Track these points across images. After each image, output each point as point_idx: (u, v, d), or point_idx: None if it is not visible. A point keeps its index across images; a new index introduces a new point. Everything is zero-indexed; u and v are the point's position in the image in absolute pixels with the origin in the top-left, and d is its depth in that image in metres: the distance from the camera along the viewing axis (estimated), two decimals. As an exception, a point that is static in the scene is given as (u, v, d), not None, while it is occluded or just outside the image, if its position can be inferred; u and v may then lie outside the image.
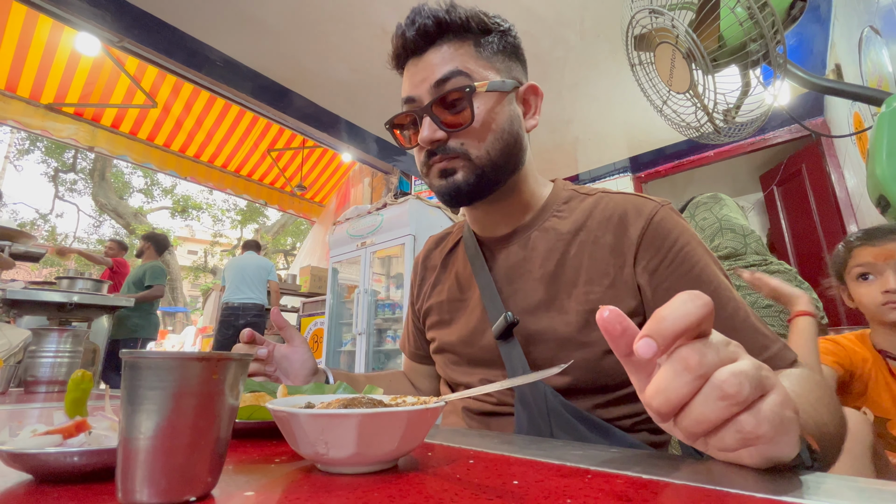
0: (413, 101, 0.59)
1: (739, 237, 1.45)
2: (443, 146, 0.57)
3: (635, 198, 0.60)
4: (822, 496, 0.25)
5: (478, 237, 0.69)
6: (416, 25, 0.57)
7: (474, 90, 0.55)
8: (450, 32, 0.58)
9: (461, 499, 0.25)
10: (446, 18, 0.57)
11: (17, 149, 10.96)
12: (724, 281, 0.53)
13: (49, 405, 0.81)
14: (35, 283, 2.42)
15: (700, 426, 0.27)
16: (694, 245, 0.55)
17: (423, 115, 0.57)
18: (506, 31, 0.61)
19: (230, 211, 13.89)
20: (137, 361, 0.24)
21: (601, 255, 0.57)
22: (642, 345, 0.26)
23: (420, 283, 0.78)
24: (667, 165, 3.41)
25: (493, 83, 0.57)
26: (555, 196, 0.66)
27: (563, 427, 0.52)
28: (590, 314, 0.55)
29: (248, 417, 0.45)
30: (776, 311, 1.32)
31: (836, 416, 0.43)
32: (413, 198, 2.94)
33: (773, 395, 0.27)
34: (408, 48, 0.59)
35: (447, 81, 0.56)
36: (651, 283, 0.54)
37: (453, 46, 0.57)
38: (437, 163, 0.58)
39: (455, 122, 0.56)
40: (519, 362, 0.56)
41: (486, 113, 0.56)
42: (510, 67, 0.61)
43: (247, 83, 2.53)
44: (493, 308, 0.60)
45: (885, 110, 0.83)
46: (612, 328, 0.28)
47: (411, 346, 0.81)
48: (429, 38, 0.58)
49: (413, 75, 0.59)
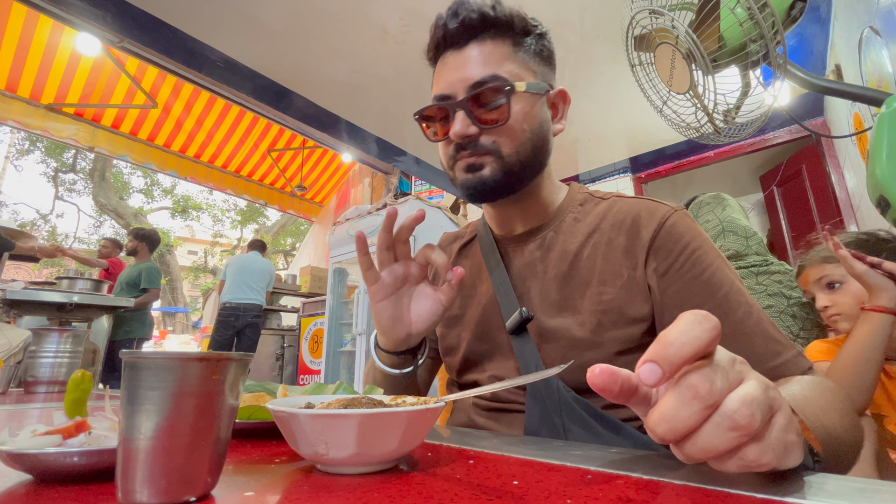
0: (447, 98, 0.58)
1: (741, 238, 1.45)
2: (473, 142, 0.57)
3: (649, 202, 0.61)
4: (822, 496, 0.25)
5: (494, 235, 0.69)
6: (460, 18, 0.57)
7: (513, 89, 0.55)
8: (493, 28, 0.57)
9: (461, 499, 0.25)
10: (491, 14, 0.56)
11: (17, 149, 10.96)
12: (737, 284, 0.53)
13: (49, 405, 0.81)
14: (35, 284, 2.42)
15: (706, 455, 0.25)
16: (706, 249, 0.55)
17: (456, 109, 0.56)
18: (542, 34, 0.61)
19: (230, 211, 13.89)
20: (137, 361, 0.24)
21: (614, 257, 0.57)
22: (646, 371, 0.24)
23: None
24: (667, 166, 3.41)
25: (531, 84, 0.57)
26: (570, 199, 0.66)
27: (576, 422, 0.52)
28: (602, 315, 0.55)
29: (248, 417, 0.45)
30: (777, 311, 1.32)
31: (849, 422, 0.41)
32: (413, 198, 2.94)
33: (780, 416, 0.26)
34: (448, 40, 0.58)
35: (484, 84, 0.56)
36: (661, 285, 0.55)
37: (493, 45, 0.57)
38: (466, 157, 0.58)
39: (490, 119, 0.56)
40: (532, 357, 0.57)
41: (520, 113, 0.57)
42: (544, 71, 0.61)
43: (247, 83, 2.52)
44: (508, 303, 0.61)
45: (884, 111, 0.83)
46: (609, 388, 0.27)
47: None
48: (471, 33, 0.57)
49: (451, 71, 0.58)
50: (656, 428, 0.26)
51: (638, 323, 0.55)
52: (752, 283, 1.34)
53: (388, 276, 0.57)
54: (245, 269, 3.97)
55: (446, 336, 0.70)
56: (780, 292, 1.34)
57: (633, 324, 0.55)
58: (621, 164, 3.50)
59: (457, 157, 0.59)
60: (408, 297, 0.58)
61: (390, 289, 0.57)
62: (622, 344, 0.55)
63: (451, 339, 0.69)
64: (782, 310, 1.32)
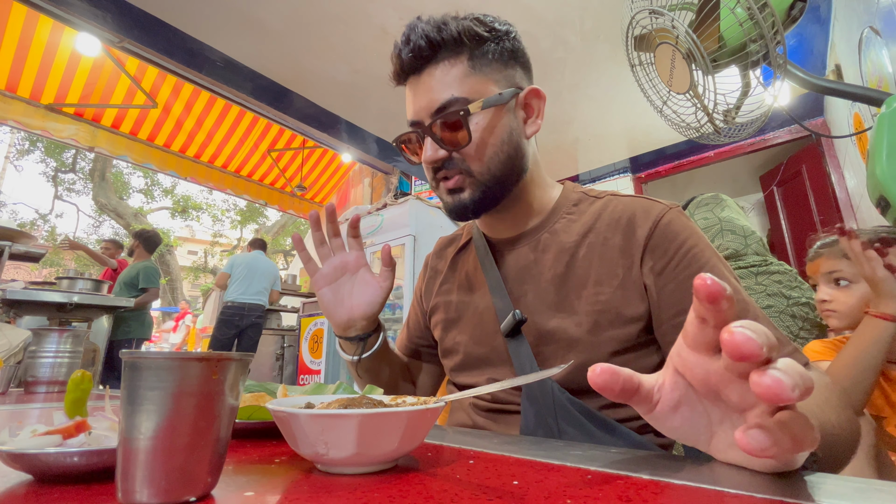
0: (416, 124, 0.60)
1: (740, 238, 1.45)
2: (448, 161, 0.59)
3: (644, 200, 0.61)
4: (822, 496, 0.25)
5: (487, 238, 0.69)
6: (411, 45, 0.58)
7: (468, 112, 0.56)
8: (444, 49, 0.58)
9: (461, 499, 0.25)
10: (438, 38, 0.57)
11: (17, 149, 10.96)
12: (733, 282, 0.53)
13: (49, 405, 0.81)
14: (35, 284, 2.42)
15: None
16: (701, 247, 0.55)
17: (424, 135, 0.59)
18: (501, 36, 0.60)
19: (230, 211, 13.90)
20: (137, 361, 0.24)
21: (610, 257, 0.58)
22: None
23: (429, 280, 0.78)
24: (667, 166, 3.41)
25: (489, 100, 0.57)
26: (564, 199, 0.66)
27: (570, 423, 0.53)
28: (599, 315, 0.56)
29: (248, 417, 0.45)
30: (776, 311, 1.32)
31: (845, 419, 0.42)
32: (413, 198, 2.94)
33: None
34: (405, 68, 0.60)
35: (444, 109, 0.57)
36: (657, 284, 0.55)
37: (449, 64, 0.58)
38: (443, 179, 0.60)
39: (454, 141, 0.58)
40: (527, 360, 0.57)
41: (482, 130, 0.57)
42: (509, 74, 0.61)
43: (247, 83, 2.53)
44: (503, 307, 0.61)
45: (884, 111, 0.83)
46: (611, 387, 0.29)
47: (405, 339, 0.81)
48: (424, 58, 0.58)
49: (413, 98, 0.60)
50: (758, 455, 0.26)
51: (634, 322, 0.55)
52: (752, 283, 1.34)
53: (327, 267, 0.65)
54: (252, 269, 3.96)
55: (444, 339, 0.71)
56: (779, 292, 1.34)
57: (629, 323, 0.55)
58: (621, 164, 3.50)
59: (437, 178, 0.61)
60: (349, 284, 0.65)
61: (329, 278, 0.65)
62: (619, 343, 0.55)
63: (448, 343, 0.70)
64: (782, 310, 1.32)
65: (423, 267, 0.82)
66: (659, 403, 0.31)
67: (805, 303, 1.33)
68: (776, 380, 0.23)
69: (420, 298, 0.80)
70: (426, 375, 0.80)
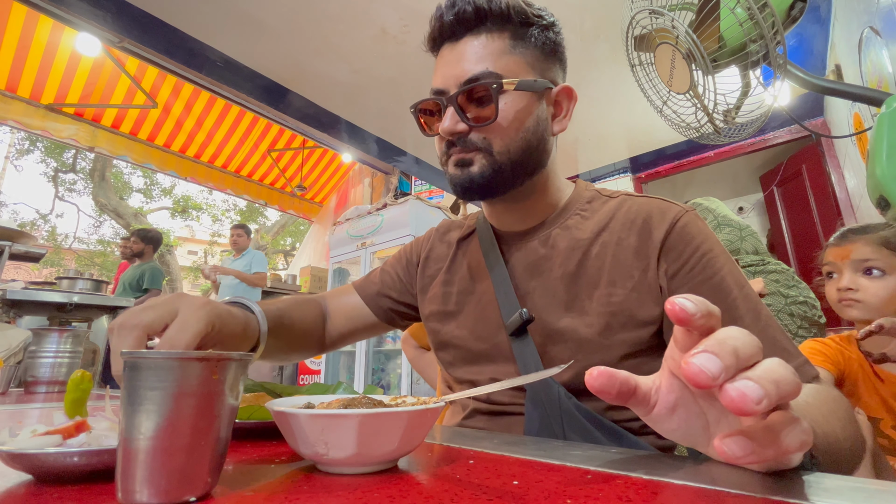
0: (441, 93, 0.57)
1: (735, 230, 1.52)
2: (463, 138, 0.56)
3: (660, 201, 0.59)
4: (822, 496, 0.25)
5: (495, 230, 0.67)
6: (456, 10, 0.56)
7: (501, 88, 0.54)
8: (489, 21, 0.56)
9: (461, 499, 0.25)
10: (486, 6, 0.55)
11: (17, 149, 10.95)
12: (746, 289, 0.52)
13: (49, 405, 0.81)
14: (35, 284, 2.41)
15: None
16: (717, 252, 0.54)
17: (447, 105, 0.56)
18: (548, 26, 0.58)
19: (230, 211, 13.88)
20: (137, 361, 0.24)
21: (624, 257, 0.56)
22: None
23: (426, 260, 0.74)
24: (667, 166, 3.41)
25: (523, 82, 0.55)
26: (577, 196, 0.65)
27: (576, 429, 0.52)
28: (611, 317, 0.54)
29: (248, 417, 0.45)
30: (774, 310, 1.32)
31: (850, 432, 0.41)
32: (413, 198, 2.94)
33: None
34: (444, 33, 0.58)
35: (475, 81, 0.55)
36: (669, 287, 0.54)
37: (489, 38, 0.56)
38: (457, 153, 0.57)
39: (479, 117, 0.55)
40: (532, 360, 0.55)
41: (511, 111, 0.55)
42: (547, 66, 0.59)
43: (247, 83, 2.53)
44: (507, 303, 0.59)
45: (884, 111, 0.83)
46: (607, 390, 0.29)
47: (377, 285, 0.76)
48: (467, 25, 0.56)
49: (445, 65, 0.57)
50: (740, 460, 0.26)
51: (647, 326, 0.54)
52: (751, 283, 1.34)
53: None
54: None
55: (439, 332, 0.68)
56: (777, 291, 1.34)
57: (642, 327, 0.54)
58: (621, 164, 3.50)
59: (449, 153, 0.58)
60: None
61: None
62: (630, 347, 0.54)
63: (443, 335, 0.67)
64: (780, 308, 1.32)
65: (426, 238, 0.78)
66: (656, 405, 0.31)
67: (803, 301, 1.33)
68: (741, 393, 0.23)
69: (414, 263, 0.75)
70: (347, 320, 0.75)
